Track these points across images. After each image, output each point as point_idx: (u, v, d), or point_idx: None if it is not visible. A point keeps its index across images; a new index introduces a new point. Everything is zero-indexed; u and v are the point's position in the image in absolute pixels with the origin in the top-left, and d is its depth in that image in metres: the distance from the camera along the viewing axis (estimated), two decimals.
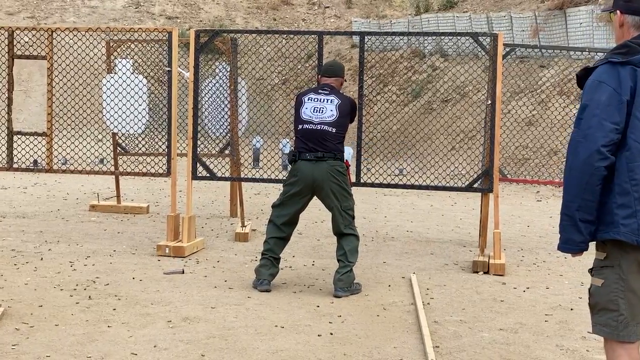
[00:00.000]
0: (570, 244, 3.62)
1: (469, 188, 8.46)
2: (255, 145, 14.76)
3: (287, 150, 6.84)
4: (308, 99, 6.71)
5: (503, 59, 8.34)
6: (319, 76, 7.05)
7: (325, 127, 6.61)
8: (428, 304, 6.50)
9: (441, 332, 5.72)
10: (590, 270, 3.72)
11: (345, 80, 7.14)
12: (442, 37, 20.19)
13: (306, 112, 6.66)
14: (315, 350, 5.23)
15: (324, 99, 6.68)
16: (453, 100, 20.88)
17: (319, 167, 6.60)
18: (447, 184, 9.82)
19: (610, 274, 3.60)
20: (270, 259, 6.80)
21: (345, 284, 6.63)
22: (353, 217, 6.92)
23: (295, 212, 6.86)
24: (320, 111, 6.63)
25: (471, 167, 9.46)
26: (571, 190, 3.54)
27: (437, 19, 26.90)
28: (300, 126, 6.68)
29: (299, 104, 6.76)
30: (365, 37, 8.63)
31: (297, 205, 6.81)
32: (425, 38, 22.73)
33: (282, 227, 6.84)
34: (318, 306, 6.34)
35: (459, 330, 5.79)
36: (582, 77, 3.66)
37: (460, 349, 5.34)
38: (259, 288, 6.69)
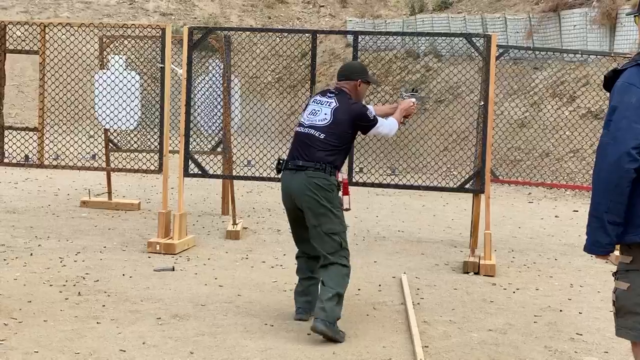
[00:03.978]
0: (597, 246, 3.59)
1: (460, 188, 8.48)
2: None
3: None
4: (313, 101, 5.87)
5: (496, 60, 8.34)
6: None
7: (313, 132, 5.63)
8: (418, 304, 6.50)
9: (430, 332, 5.73)
10: (615, 274, 3.68)
11: (369, 84, 6.05)
12: (436, 38, 20.20)
13: (304, 114, 5.80)
14: (304, 349, 5.23)
15: (325, 102, 5.75)
16: (446, 101, 20.88)
17: (296, 179, 5.58)
18: (440, 185, 9.81)
19: (636, 277, 3.57)
20: (300, 280, 5.98)
21: (328, 316, 5.38)
22: (342, 245, 5.57)
23: (295, 229, 5.90)
24: (315, 114, 5.72)
25: (463, 167, 9.49)
26: (600, 192, 3.51)
27: (431, 20, 26.91)
28: (297, 129, 5.81)
29: (306, 107, 6.00)
30: (359, 36, 8.61)
31: (293, 222, 5.85)
32: (419, 38, 22.73)
33: (297, 245, 5.99)
34: None
35: (449, 330, 5.79)
36: (611, 79, 3.64)
37: (449, 349, 5.34)
38: (294, 317, 5.89)
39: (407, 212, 11.95)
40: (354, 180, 8.64)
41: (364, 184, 8.64)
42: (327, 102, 5.75)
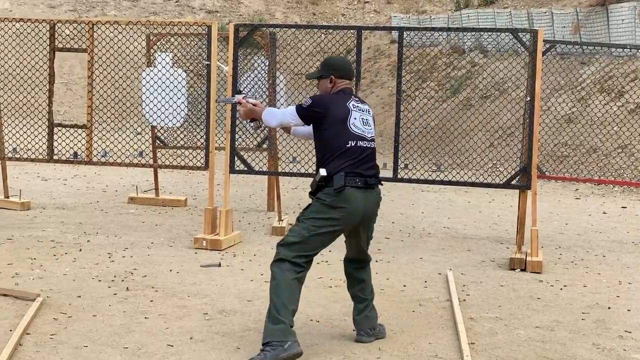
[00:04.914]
0: None
1: (507, 185, 8.41)
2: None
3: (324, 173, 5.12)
4: (356, 108, 5.18)
5: (543, 55, 8.26)
6: (334, 78, 5.25)
7: (372, 145, 5.24)
8: (464, 300, 6.47)
9: (477, 328, 5.70)
10: None
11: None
12: (482, 33, 20.04)
13: (356, 123, 5.13)
14: (350, 345, 5.24)
15: (365, 109, 5.25)
16: (492, 97, 20.73)
17: (369, 198, 5.12)
18: (485, 181, 9.75)
19: None
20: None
21: (372, 322, 5.42)
22: None
23: (326, 245, 5.28)
24: (366, 124, 5.21)
25: (509, 163, 9.41)
26: None
27: (477, 15, 26.71)
28: (351, 142, 5.08)
29: (342, 110, 5.13)
30: (404, 32, 8.59)
31: (333, 238, 5.25)
32: (465, 34, 22.61)
33: (311, 262, 5.22)
34: None
35: (495, 327, 5.76)
36: None
37: (495, 345, 5.31)
38: (285, 354, 4.78)
39: (452, 208, 11.89)
40: (399, 177, 8.62)
41: (409, 180, 8.62)
42: (367, 109, 5.27)
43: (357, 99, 5.26)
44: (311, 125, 5.20)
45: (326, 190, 5.03)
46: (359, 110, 5.20)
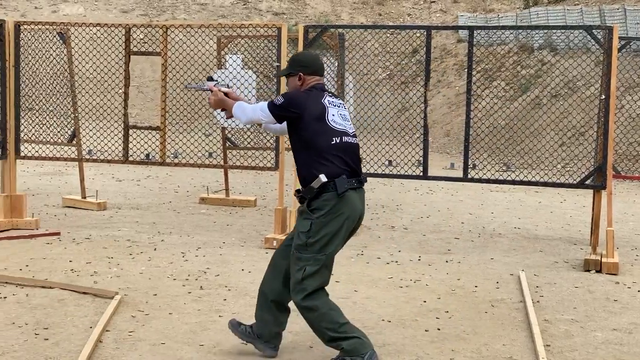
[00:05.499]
0: None
1: (581, 185, 8.29)
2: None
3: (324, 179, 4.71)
4: (331, 104, 4.84)
5: (617, 53, 8.12)
6: (303, 75, 4.91)
7: (356, 141, 4.90)
8: (538, 301, 6.39)
9: (552, 330, 5.63)
10: None
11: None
12: (555, 31, 19.74)
13: (336, 119, 4.80)
14: (422, 345, 5.23)
15: (340, 104, 4.90)
16: (564, 95, 20.42)
17: (362, 197, 4.87)
18: (557, 181, 9.61)
19: None
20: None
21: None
22: None
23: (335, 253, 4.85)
24: (346, 119, 4.88)
25: (583, 163, 9.26)
26: None
27: (546, 13, 26.33)
28: (335, 139, 4.74)
29: (317, 107, 4.78)
30: (475, 31, 8.53)
31: (340, 246, 4.86)
32: (536, 32, 22.31)
33: (329, 278, 4.88)
34: (425, 301, 6.33)
35: (571, 329, 5.68)
36: None
37: (572, 348, 5.24)
38: None
39: (522, 208, 11.76)
40: (469, 176, 8.57)
41: (480, 180, 8.56)
42: (342, 104, 4.94)
43: (330, 95, 4.92)
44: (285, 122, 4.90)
45: (326, 197, 4.66)
46: (335, 105, 4.84)
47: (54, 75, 10.08)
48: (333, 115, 4.79)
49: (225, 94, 5.18)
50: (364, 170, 9.42)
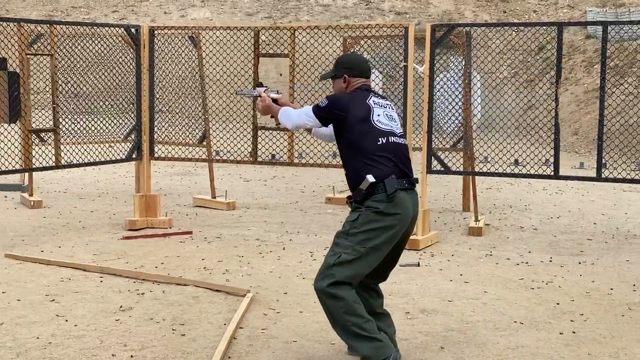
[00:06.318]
0: None
1: None
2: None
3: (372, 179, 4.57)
4: (377, 104, 4.74)
5: None
6: (348, 77, 4.82)
7: (404, 141, 4.81)
8: None
9: None
10: None
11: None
12: None
13: (381, 119, 4.70)
14: (557, 349, 5.12)
15: (387, 105, 4.82)
16: None
17: (414, 199, 4.70)
18: None
19: None
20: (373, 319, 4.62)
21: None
22: None
23: (381, 258, 4.65)
24: (392, 119, 4.78)
25: None
26: None
27: None
28: (381, 139, 4.64)
29: (362, 108, 4.68)
30: (608, 26, 8.29)
31: (386, 250, 4.64)
32: None
33: (365, 277, 4.68)
34: (558, 303, 6.20)
35: None
36: None
37: None
38: None
39: None
40: (602, 176, 8.33)
41: (614, 180, 8.32)
42: (389, 105, 4.84)
43: (377, 95, 4.82)
44: (331, 126, 4.80)
45: (377, 197, 4.51)
46: (381, 106, 4.74)
47: (184, 78, 10.38)
48: (378, 115, 4.68)
49: (274, 100, 5.16)
50: (490, 169, 9.32)
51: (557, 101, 8.45)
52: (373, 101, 4.73)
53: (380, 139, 4.61)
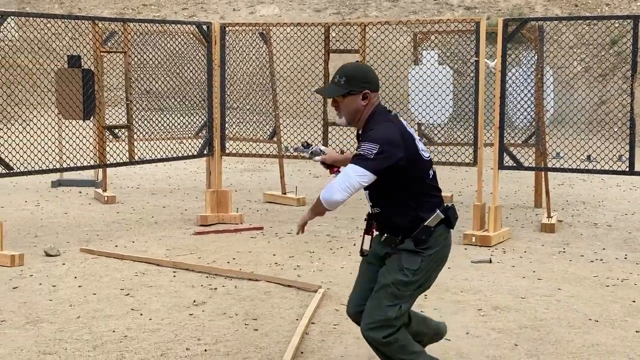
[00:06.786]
0: None
1: None
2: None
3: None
4: (408, 128, 4.08)
5: None
6: (370, 92, 4.04)
7: None
8: None
9: None
10: None
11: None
12: None
13: (421, 146, 4.08)
14: (634, 347, 5.03)
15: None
16: None
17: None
18: None
19: None
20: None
21: None
22: None
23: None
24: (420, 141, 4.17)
25: None
26: None
27: None
28: (430, 172, 4.12)
29: (411, 139, 4.01)
30: None
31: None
32: None
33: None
34: (634, 301, 6.09)
35: None
36: None
37: None
38: None
39: None
40: (635, 170, 8.15)
41: None
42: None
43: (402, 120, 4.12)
44: None
45: (438, 231, 4.09)
46: (411, 127, 4.10)
47: (255, 74, 10.46)
48: (418, 141, 4.05)
49: (322, 162, 4.85)
50: (563, 165, 9.18)
51: (633, 95, 8.29)
52: (406, 124, 4.07)
53: (429, 171, 4.09)
